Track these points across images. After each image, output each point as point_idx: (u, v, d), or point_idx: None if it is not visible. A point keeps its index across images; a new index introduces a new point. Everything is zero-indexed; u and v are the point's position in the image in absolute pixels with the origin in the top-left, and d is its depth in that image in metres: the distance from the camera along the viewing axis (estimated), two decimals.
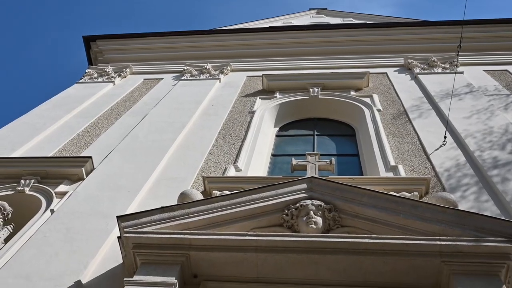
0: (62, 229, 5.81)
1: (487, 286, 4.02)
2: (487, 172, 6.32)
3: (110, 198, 6.38)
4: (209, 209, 4.87)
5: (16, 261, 5.29)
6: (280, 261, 4.45)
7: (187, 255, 4.54)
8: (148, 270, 4.49)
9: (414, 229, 4.52)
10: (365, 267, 4.36)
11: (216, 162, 7.50)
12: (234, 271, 4.56)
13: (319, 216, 4.77)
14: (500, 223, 4.36)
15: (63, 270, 5.08)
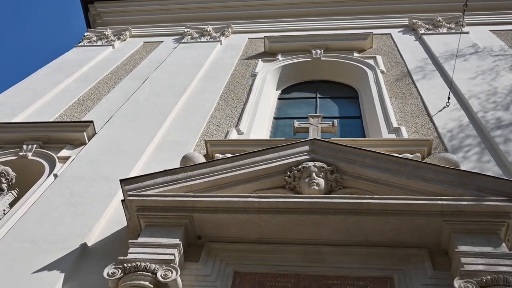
0: (66, 193, 5.89)
1: (487, 244, 4.09)
2: (490, 132, 6.33)
3: (113, 162, 6.43)
4: (211, 172, 4.91)
5: (22, 226, 5.38)
6: (282, 222, 4.53)
7: (190, 217, 4.62)
8: (152, 232, 4.58)
9: (416, 190, 4.57)
10: (366, 227, 4.44)
11: (218, 125, 7.51)
12: (237, 232, 4.64)
13: (321, 177, 4.82)
14: (501, 182, 4.41)
15: (68, 234, 5.18)
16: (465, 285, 3.70)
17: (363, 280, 4.22)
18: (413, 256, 4.35)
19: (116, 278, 4.08)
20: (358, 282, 4.21)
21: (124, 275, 4.09)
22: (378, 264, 4.34)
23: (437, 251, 4.40)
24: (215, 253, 4.59)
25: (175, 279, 4.05)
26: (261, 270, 4.40)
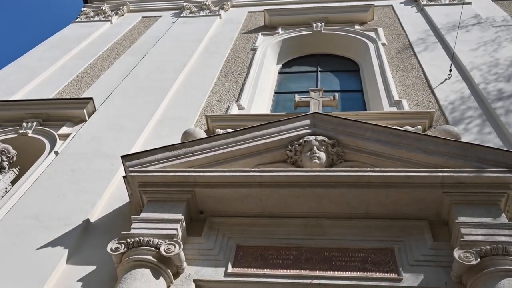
0: (67, 170, 5.93)
1: (487, 214, 4.15)
2: (491, 104, 6.34)
3: (114, 139, 6.46)
4: (212, 147, 4.94)
5: (24, 203, 5.45)
6: (284, 195, 4.58)
7: (192, 192, 4.66)
8: (155, 207, 4.63)
9: (417, 162, 4.61)
10: (367, 199, 4.49)
11: (218, 100, 7.51)
12: (239, 206, 4.70)
13: (322, 151, 4.84)
14: (502, 153, 4.43)
15: (71, 210, 5.24)
16: (465, 255, 3.76)
17: (364, 251, 4.29)
18: (414, 228, 4.42)
19: (119, 253, 4.15)
20: (359, 253, 4.28)
21: (127, 250, 4.15)
22: (379, 236, 4.40)
23: (437, 222, 4.46)
24: (217, 227, 4.66)
25: (178, 253, 4.11)
26: (263, 243, 4.46)
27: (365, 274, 4.08)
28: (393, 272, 4.07)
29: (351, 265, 4.18)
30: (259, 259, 4.34)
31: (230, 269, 4.23)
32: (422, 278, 3.95)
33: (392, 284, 3.96)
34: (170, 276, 4.11)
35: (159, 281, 4.01)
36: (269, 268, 4.23)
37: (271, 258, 4.34)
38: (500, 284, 3.57)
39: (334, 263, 4.21)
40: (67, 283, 4.42)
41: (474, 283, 3.70)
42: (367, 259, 4.22)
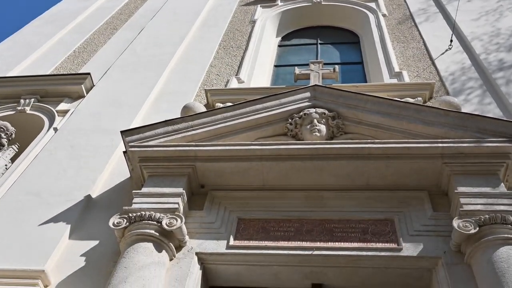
0: (67, 147, 5.96)
1: (486, 184, 4.21)
2: (491, 74, 6.35)
3: (113, 114, 6.48)
4: (212, 121, 4.97)
5: (25, 179, 5.50)
6: (285, 168, 4.63)
7: (193, 166, 4.71)
8: (156, 182, 4.68)
9: (417, 133, 4.64)
10: (368, 171, 4.54)
11: (218, 74, 7.50)
12: (240, 180, 4.75)
13: (322, 124, 4.87)
14: (502, 123, 4.47)
15: (72, 186, 5.30)
16: (464, 224, 3.83)
17: (364, 222, 4.36)
18: (414, 199, 4.48)
19: (121, 228, 4.21)
20: (360, 224, 4.35)
21: (129, 224, 4.21)
22: (379, 207, 4.47)
23: (437, 193, 4.52)
24: (218, 201, 4.72)
25: (180, 227, 4.18)
26: (265, 216, 4.53)
27: (365, 244, 4.16)
28: (393, 242, 4.15)
29: (352, 236, 4.26)
30: (261, 231, 4.41)
31: (232, 242, 4.30)
32: (421, 247, 4.03)
33: (392, 254, 4.04)
34: (172, 249, 4.18)
35: (162, 254, 4.08)
36: (270, 240, 4.31)
37: (272, 231, 4.40)
38: (498, 252, 3.64)
39: (335, 234, 4.29)
40: (71, 257, 4.49)
41: (473, 252, 3.77)
42: (367, 229, 4.29)
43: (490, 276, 3.54)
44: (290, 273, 4.22)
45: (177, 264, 4.15)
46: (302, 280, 4.25)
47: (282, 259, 4.17)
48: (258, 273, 4.27)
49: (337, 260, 4.11)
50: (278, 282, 4.30)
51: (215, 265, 4.29)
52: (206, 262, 4.27)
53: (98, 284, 4.17)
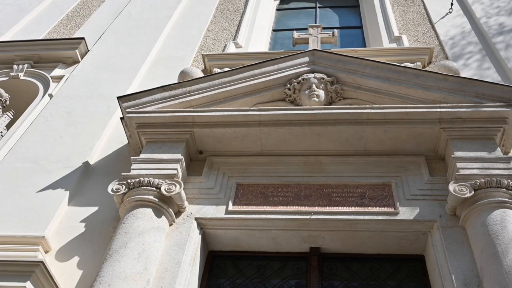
0: (63, 113, 5.99)
1: (483, 149, 4.30)
2: (491, 39, 6.37)
3: (109, 80, 6.49)
4: (210, 86, 4.99)
5: (21, 146, 5.54)
6: (283, 134, 4.69)
7: (191, 132, 4.77)
8: (154, 148, 4.75)
9: (415, 98, 4.70)
10: (366, 136, 4.61)
11: (215, 39, 7.48)
12: (238, 145, 4.82)
13: (321, 89, 4.91)
14: (500, 88, 4.53)
15: (69, 153, 5.36)
16: (460, 188, 3.94)
17: (362, 187, 4.47)
18: (411, 163, 4.58)
19: (120, 194, 4.29)
20: (357, 189, 4.46)
21: (128, 190, 4.28)
22: (377, 172, 4.56)
23: (434, 157, 4.62)
24: (217, 166, 4.80)
25: (179, 193, 4.26)
26: (263, 182, 4.62)
27: (363, 208, 4.27)
28: (390, 206, 4.26)
29: (349, 200, 4.37)
30: (259, 196, 4.51)
31: (231, 207, 4.40)
32: (417, 211, 4.15)
33: (388, 218, 4.16)
34: (172, 214, 4.27)
35: (161, 220, 4.17)
36: (269, 205, 4.41)
37: (271, 196, 4.50)
38: (493, 214, 3.76)
39: (333, 199, 4.39)
40: (70, 224, 4.59)
41: (468, 215, 3.89)
42: (364, 194, 4.40)
43: (484, 238, 3.66)
44: (288, 237, 4.35)
45: (177, 229, 4.25)
46: (300, 243, 4.38)
47: (281, 223, 4.29)
48: (257, 238, 4.39)
49: (335, 224, 4.23)
50: (276, 246, 4.43)
51: (215, 230, 4.40)
52: (206, 227, 4.38)
53: (98, 249, 4.28)
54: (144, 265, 3.75)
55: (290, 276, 4.33)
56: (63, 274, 4.09)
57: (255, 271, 4.40)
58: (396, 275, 4.24)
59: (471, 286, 3.57)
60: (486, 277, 3.50)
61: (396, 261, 4.33)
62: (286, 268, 4.39)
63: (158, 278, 3.84)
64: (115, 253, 3.78)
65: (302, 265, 4.38)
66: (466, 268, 3.68)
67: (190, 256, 4.09)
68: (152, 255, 3.86)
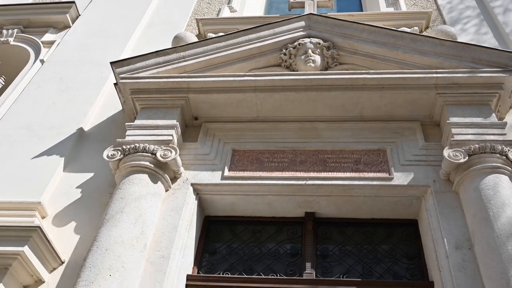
0: (56, 79, 5.98)
1: (478, 115, 4.35)
2: (489, 3, 6.35)
3: (101, 45, 6.44)
4: (205, 51, 4.98)
5: (14, 113, 5.54)
6: (279, 100, 4.72)
7: (186, 98, 4.79)
8: (149, 114, 4.78)
9: (412, 64, 4.72)
10: (362, 102, 4.65)
11: (209, 3, 7.40)
12: (234, 111, 4.85)
13: (317, 54, 4.91)
14: (497, 53, 4.56)
15: (63, 119, 5.37)
16: (454, 153, 4.00)
17: (357, 153, 4.53)
18: (406, 129, 4.63)
19: (116, 160, 4.33)
20: (353, 155, 4.52)
21: (123, 156, 4.33)
22: (372, 137, 4.62)
23: (429, 123, 4.67)
24: (212, 132, 4.84)
25: (174, 159, 4.31)
26: (259, 147, 4.68)
27: (358, 174, 4.35)
28: (384, 171, 4.34)
29: (345, 166, 4.44)
30: (255, 162, 4.57)
31: (226, 173, 4.46)
32: (412, 176, 4.23)
33: (383, 183, 4.25)
34: (168, 180, 4.33)
35: (157, 186, 4.23)
36: (264, 171, 4.47)
37: (266, 162, 4.57)
38: (486, 179, 3.84)
39: (328, 165, 4.46)
40: (66, 190, 4.65)
41: (461, 180, 3.97)
42: (360, 160, 4.47)
43: (477, 202, 3.75)
44: (283, 202, 4.44)
45: (173, 195, 4.32)
46: (296, 208, 4.47)
47: (276, 189, 4.36)
48: (253, 203, 4.48)
49: (330, 190, 4.31)
50: (272, 211, 4.52)
51: (211, 195, 4.48)
52: (202, 192, 4.45)
53: (94, 215, 4.35)
54: (141, 229, 3.83)
55: (285, 240, 4.44)
56: (60, 239, 4.16)
57: (251, 236, 4.50)
58: (389, 239, 4.36)
59: (463, 249, 3.68)
60: (477, 240, 3.61)
61: (390, 226, 4.43)
62: (282, 233, 4.50)
63: (155, 242, 3.93)
64: (112, 218, 3.86)
65: (297, 229, 4.49)
66: (458, 232, 3.79)
67: (186, 221, 4.17)
68: (148, 220, 3.94)
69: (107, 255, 3.58)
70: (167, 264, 3.79)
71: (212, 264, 4.33)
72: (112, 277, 3.46)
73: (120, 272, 3.51)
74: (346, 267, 4.20)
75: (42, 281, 3.94)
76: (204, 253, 4.40)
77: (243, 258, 4.35)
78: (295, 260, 4.28)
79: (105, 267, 3.50)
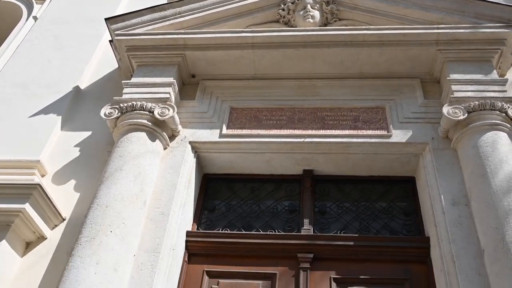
0: (50, 36, 5.92)
1: (479, 71, 4.34)
2: None
3: (95, 1, 6.35)
4: (201, 7, 4.91)
5: (9, 71, 5.51)
6: (277, 56, 4.70)
7: (183, 55, 4.76)
8: (145, 72, 4.76)
9: (413, 19, 4.66)
10: (362, 59, 4.63)
11: None
12: (231, 69, 4.83)
13: (316, 9, 4.85)
14: (500, 8, 4.50)
15: (59, 77, 5.35)
16: (453, 110, 4.02)
17: (356, 110, 4.54)
18: (406, 86, 4.63)
19: (113, 118, 4.34)
20: (351, 113, 4.54)
21: (121, 114, 4.34)
22: (371, 95, 4.62)
23: (429, 80, 4.66)
24: (210, 90, 4.83)
25: (172, 116, 4.33)
26: (257, 105, 4.69)
27: (356, 131, 4.37)
28: (383, 129, 4.37)
29: (343, 123, 4.46)
30: (253, 120, 4.59)
31: (224, 131, 4.49)
32: (410, 134, 4.26)
33: (381, 140, 4.28)
34: (166, 138, 4.36)
35: (155, 144, 4.26)
36: (262, 128, 4.50)
37: (264, 119, 4.59)
38: (484, 136, 3.87)
39: (327, 122, 4.48)
40: (65, 148, 4.69)
41: (460, 137, 4.00)
42: (358, 117, 4.49)
43: (474, 159, 3.79)
44: (282, 160, 4.49)
45: (171, 153, 4.36)
46: (294, 166, 4.52)
47: (274, 146, 4.40)
48: (251, 161, 4.53)
49: (328, 147, 4.35)
50: (270, 169, 4.58)
51: (209, 153, 4.52)
52: (200, 150, 4.49)
53: (93, 173, 4.40)
54: (140, 187, 3.89)
55: (283, 197, 4.52)
56: (60, 196, 4.22)
57: (249, 193, 4.58)
58: (387, 196, 4.44)
59: (459, 205, 3.75)
60: (474, 196, 3.67)
61: (388, 183, 4.50)
62: (280, 190, 4.58)
63: (155, 199, 3.99)
64: (111, 176, 3.91)
65: (295, 186, 4.56)
66: (455, 189, 3.85)
67: (185, 178, 4.23)
68: (147, 177, 3.99)
69: (107, 212, 3.65)
70: (167, 221, 3.86)
71: (211, 221, 4.43)
72: (113, 233, 3.54)
73: (121, 228, 3.59)
74: (343, 223, 4.29)
75: (44, 238, 4.03)
76: (203, 210, 4.49)
77: (242, 215, 4.44)
78: (293, 216, 4.37)
79: (106, 224, 3.58)
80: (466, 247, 3.52)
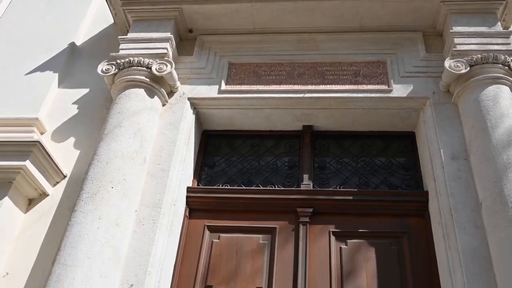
0: None
1: (483, 23, 4.28)
2: None
3: None
4: None
5: (2, 28, 5.43)
6: (276, 10, 4.62)
7: (179, 9, 4.69)
8: (142, 27, 4.70)
9: None
10: (362, 11, 4.55)
11: None
12: (229, 23, 4.77)
13: None
14: None
15: (54, 34, 5.29)
16: (455, 64, 3.99)
17: (356, 65, 4.52)
18: (407, 40, 4.58)
19: (111, 74, 4.33)
20: (351, 67, 4.51)
21: (118, 71, 4.33)
22: (372, 49, 4.58)
23: (431, 34, 4.61)
24: (208, 45, 4.79)
25: (170, 72, 4.31)
26: (256, 60, 4.66)
27: (357, 86, 4.36)
28: (383, 83, 4.36)
29: (343, 78, 4.45)
30: (252, 75, 4.57)
31: (223, 87, 4.48)
32: (411, 88, 4.25)
33: (382, 95, 4.27)
34: (164, 95, 4.36)
35: (154, 100, 4.26)
36: (262, 84, 4.49)
37: (264, 75, 4.57)
38: (486, 90, 3.86)
39: (327, 77, 4.47)
40: (62, 105, 4.69)
41: (461, 91, 3.99)
42: (359, 72, 4.47)
43: (475, 113, 3.80)
44: (281, 115, 4.50)
45: (170, 109, 4.37)
46: (293, 122, 4.54)
47: (274, 102, 4.41)
48: (250, 116, 4.54)
49: (328, 102, 4.36)
50: (270, 125, 4.60)
51: (208, 109, 4.53)
52: (199, 106, 4.50)
53: (92, 130, 4.43)
54: (140, 143, 3.92)
55: (283, 153, 4.56)
56: (60, 154, 4.26)
57: (249, 149, 4.62)
58: (386, 151, 4.47)
59: (459, 160, 3.78)
60: (474, 150, 3.70)
61: (387, 138, 4.53)
62: (280, 146, 4.61)
63: (155, 156, 4.03)
64: (111, 133, 3.93)
65: (295, 142, 4.59)
66: (455, 143, 3.87)
67: (184, 135, 4.26)
68: (147, 134, 4.02)
69: (108, 168, 3.69)
70: (167, 177, 3.91)
71: (211, 177, 4.48)
72: (114, 189, 3.60)
73: (122, 184, 3.64)
74: (343, 178, 4.35)
75: (46, 194, 4.09)
76: (203, 167, 4.54)
77: (242, 170, 4.49)
78: (293, 172, 4.42)
79: (107, 180, 3.63)
80: (465, 201, 3.57)
